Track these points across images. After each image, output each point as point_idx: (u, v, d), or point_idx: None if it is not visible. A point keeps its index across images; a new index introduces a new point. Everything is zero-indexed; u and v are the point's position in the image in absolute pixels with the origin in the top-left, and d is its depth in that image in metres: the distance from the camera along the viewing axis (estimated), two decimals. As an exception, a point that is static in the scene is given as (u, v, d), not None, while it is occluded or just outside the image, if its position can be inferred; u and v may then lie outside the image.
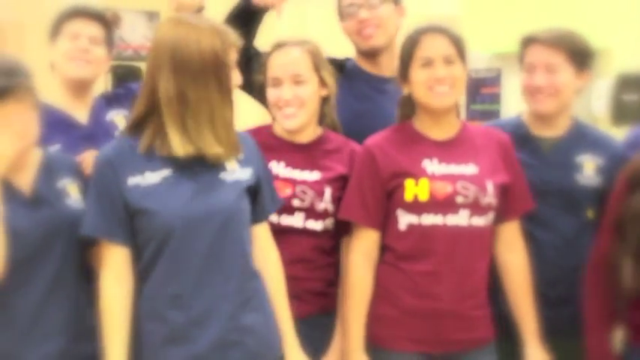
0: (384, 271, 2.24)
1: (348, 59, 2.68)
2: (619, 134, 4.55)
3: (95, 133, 2.34)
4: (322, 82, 2.33)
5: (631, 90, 4.58)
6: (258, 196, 2.08)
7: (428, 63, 2.19)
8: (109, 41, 2.42)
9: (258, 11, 2.49)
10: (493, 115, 5.47)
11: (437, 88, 2.19)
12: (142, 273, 1.95)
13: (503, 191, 2.24)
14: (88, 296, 1.98)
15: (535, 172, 2.36)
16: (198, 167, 1.95)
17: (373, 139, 2.28)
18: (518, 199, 2.29)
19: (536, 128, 2.45)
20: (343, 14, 2.61)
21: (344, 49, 2.67)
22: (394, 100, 2.36)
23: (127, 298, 1.94)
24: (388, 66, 2.56)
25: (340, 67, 2.56)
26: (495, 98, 5.64)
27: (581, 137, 2.46)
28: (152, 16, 5.35)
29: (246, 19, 2.48)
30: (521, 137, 2.41)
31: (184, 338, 1.91)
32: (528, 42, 2.42)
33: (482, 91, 5.64)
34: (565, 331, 2.35)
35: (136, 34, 5.28)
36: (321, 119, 2.38)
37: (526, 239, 2.35)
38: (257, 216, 2.07)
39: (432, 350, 2.20)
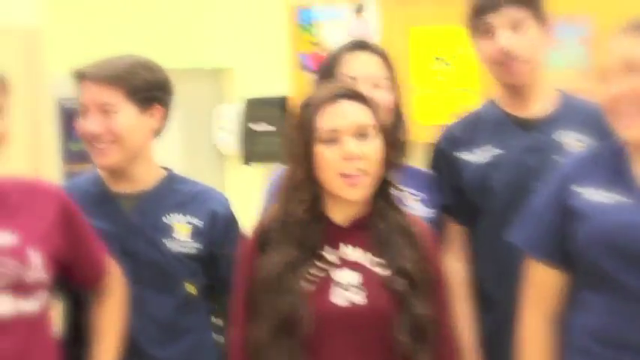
0: None
1: None
2: (250, 170, 4.78)
3: None
4: None
5: (259, 117, 4.36)
6: None
7: None
8: None
9: None
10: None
11: None
12: None
13: (64, 262, 1.98)
14: None
15: (117, 240, 2.07)
16: None
17: None
18: (88, 269, 2.03)
19: (113, 185, 2.19)
20: None
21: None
22: None
23: None
24: None
25: None
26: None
27: (171, 192, 2.19)
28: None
29: None
30: (98, 195, 2.17)
31: None
32: (79, 77, 2.14)
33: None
34: None
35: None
36: None
37: None
38: None
39: None
